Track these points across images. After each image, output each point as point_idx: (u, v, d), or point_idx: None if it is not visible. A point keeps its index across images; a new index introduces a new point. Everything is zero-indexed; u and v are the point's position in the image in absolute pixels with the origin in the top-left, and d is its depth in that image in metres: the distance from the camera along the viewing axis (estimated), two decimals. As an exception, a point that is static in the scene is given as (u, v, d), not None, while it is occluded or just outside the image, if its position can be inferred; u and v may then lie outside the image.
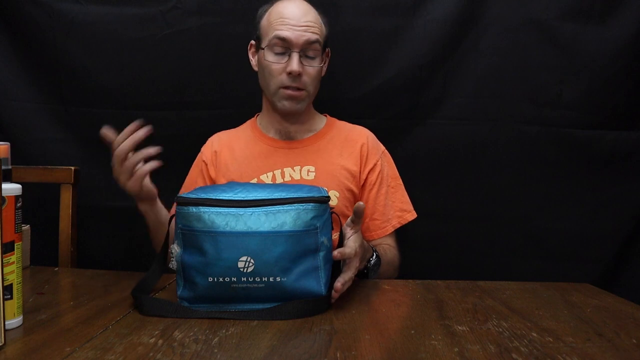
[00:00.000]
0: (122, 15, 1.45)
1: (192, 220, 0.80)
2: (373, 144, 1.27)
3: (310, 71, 1.16)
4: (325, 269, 0.83)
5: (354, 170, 1.22)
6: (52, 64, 1.47)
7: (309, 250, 0.81)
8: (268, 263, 0.78)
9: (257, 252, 0.77)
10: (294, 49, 1.14)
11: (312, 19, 1.16)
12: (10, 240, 0.68)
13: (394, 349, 0.66)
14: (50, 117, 1.50)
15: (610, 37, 1.39)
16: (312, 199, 0.81)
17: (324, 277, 0.82)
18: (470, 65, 1.44)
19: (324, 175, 1.20)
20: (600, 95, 1.42)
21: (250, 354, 0.63)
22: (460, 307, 0.84)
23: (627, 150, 1.44)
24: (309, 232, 0.80)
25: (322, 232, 0.82)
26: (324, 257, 0.82)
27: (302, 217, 0.80)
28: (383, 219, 1.23)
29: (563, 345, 0.68)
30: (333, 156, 1.22)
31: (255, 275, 0.78)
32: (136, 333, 0.70)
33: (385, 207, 1.23)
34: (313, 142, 1.25)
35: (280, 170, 1.21)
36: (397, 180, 1.28)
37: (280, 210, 0.80)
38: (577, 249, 1.46)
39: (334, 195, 1.18)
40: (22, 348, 0.65)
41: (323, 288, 0.82)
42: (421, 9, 1.42)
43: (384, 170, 1.25)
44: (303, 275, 0.80)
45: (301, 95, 1.18)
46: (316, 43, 1.15)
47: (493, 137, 1.45)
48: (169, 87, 1.47)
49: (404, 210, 1.26)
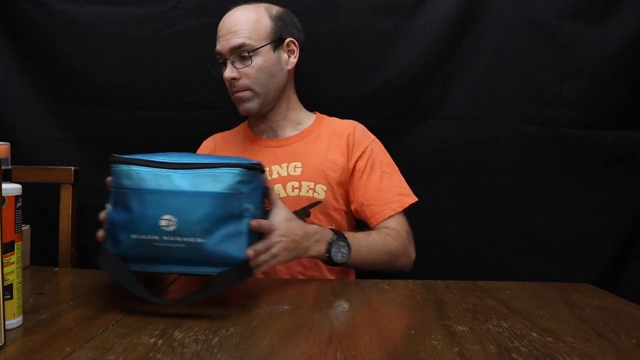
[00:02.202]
0: (122, 15, 1.45)
1: (122, 178, 0.82)
2: (361, 133, 1.27)
3: (247, 71, 1.19)
4: (249, 236, 0.83)
5: (341, 162, 1.22)
6: (52, 64, 1.47)
7: (232, 214, 0.81)
8: (190, 223, 0.79)
9: (180, 212, 0.78)
10: (226, 57, 1.20)
11: (240, 23, 1.19)
12: (10, 240, 0.68)
13: (394, 349, 0.66)
14: (50, 117, 1.50)
15: (610, 37, 1.39)
16: (239, 165, 0.82)
17: (248, 243, 0.83)
18: (470, 65, 1.44)
19: (310, 170, 1.21)
20: (600, 95, 1.42)
21: (250, 354, 0.63)
22: (460, 307, 0.84)
23: (627, 150, 1.44)
24: (233, 196, 0.81)
25: (248, 199, 0.83)
26: (249, 223, 0.83)
27: (226, 180, 0.81)
28: (379, 203, 1.20)
29: (563, 345, 0.68)
30: (320, 151, 1.23)
31: (176, 235, 0.78)
32: (136, 333, 0.70)
33: (380, 192, 1.21)
34: (300, 139, 1.26)
35: (268, 168, 1.22)
36: (392, 167, 1.26)
37: (208, 173, 0.81)
38: (577, 249, 1.46)
39: (321, 189, 1.20)
40: (22, 348, 0.65)
41: (244, 254, 0.82)
42: (421, 9, 1.42)
43: (374, 156, 1.24)
44: (225, 239, 0.80)
45: (245, 95, 1.21)
46: (242, 47, 1.18)
47: (493, 137, 1.45)
48: (169, 87, 1.47)
49: (402, 195, 1.23)
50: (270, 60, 1.21)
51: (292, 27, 1.26)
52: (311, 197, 1.20)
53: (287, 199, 1.19)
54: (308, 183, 1.20)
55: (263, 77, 1.20)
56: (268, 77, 1.21)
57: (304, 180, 1.21)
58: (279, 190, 1.20)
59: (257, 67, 1.19)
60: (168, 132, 1.48)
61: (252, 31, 1.19)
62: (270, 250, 0.90)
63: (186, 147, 1.34)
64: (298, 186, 1.20)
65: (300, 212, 1.19)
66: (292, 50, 1.25)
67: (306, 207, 1.20)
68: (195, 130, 1.40)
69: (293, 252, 0.96)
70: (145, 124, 1.48)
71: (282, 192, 1.20)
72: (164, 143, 1.46)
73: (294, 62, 1.26)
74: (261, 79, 1.20)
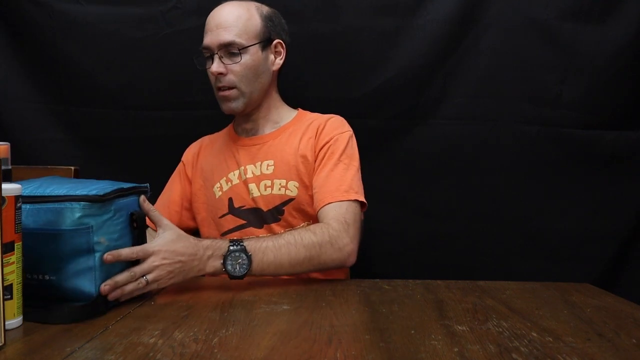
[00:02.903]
0: (122, 15, 1.45)
1: None
2: (332, 124, 1.23)
3: (235, 68, 1.19)
4: (102, 270, 0.80)
5: (310, 156, 1.20)
6: (52, 64, 1.47)
7: (80, 250, 0.79)
8: (37, 261, 0.78)
9: (27, 250, 0.75)
10: (214, 51, 1.19)
11: (231, 19, 1.18)
12: (10, 240, 0.68)
13: (394, 349, 0.66)
14: (50, 117, 1.50)
15: (610, 37, 1.39)
16: (82, 198, 0.79)
17: (100, 279, 0.80)
18: (470, 65, 1.44)
19: (282, 168, 1.21)
20: (600, 95, 1.42)
21: (250, 354, 0.63)
22: (460, 307, 0.84)
23: (627, 150, 1.44)
24: (79, 232, 0.78)
25: (99, 232, 0.80)
26: (101, 257, 0.80)
27: (69, 215, 0.78)
28: (323, 191, 1.13)
29: (563, 345, 0.68)
30: (292, 147, 1.22)
31: (26, 273, 0.76)
32: (136, 333, 0.70)
33: (328, 179, 1.14)
34: (275, 137, 1.26)
35: (243, 167, 1.23)
36: (351, 161, 1.18)
37: (51, 207, 0.78)
38: (577, 249, 1.46)
39: (293, 186, 1.19)
40: (22, 348, 0.65)
41: (95, 289, 0.80)
42: (421, 9, 1.42)
43: (337, 145, 1.19)
44: (74, 275, 0.78)
45: (231, 94, 1.20)
46: (232, 44, 1.17)
47: (493, 137, 1.45)
48: (169, 87, 1.47)
49: (350, 189, 1.13)
50: (257, 60, 1.21)
51: (280, 28, 1.26)
52: (283, 195, 1.19)
53: (260, 198, 1.20)
54: (280, 181, 1.20)
55: (250, 76, 1.20)
56: (254, 76, 1.21)
57: (275, 178, 1.20)
58: (252, 189, 1.20)
59: (244, 65, 1.19)
60: (168, 132, 1.48)
61: (243, 29, 1.19)
62: (147, 277, 0.86)
63: (186, 147, 1.35)
64: (270, 184, 1.20)
65: (273, 210, 1.19)
66: (279, 51, 1.25)
67: (278, 205, 1.19)
68: (195, 130, 1.41)
69: (181, 273, 0.90)
70: (145, 124, 1.48)
71: (256, 191, 1.21)
72: (164, 143, 1.47)
73: (280, 64, 1.26)
74: (248, 77, 1.20)
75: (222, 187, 1.25)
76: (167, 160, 1.36)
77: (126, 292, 0.84)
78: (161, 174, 1.35)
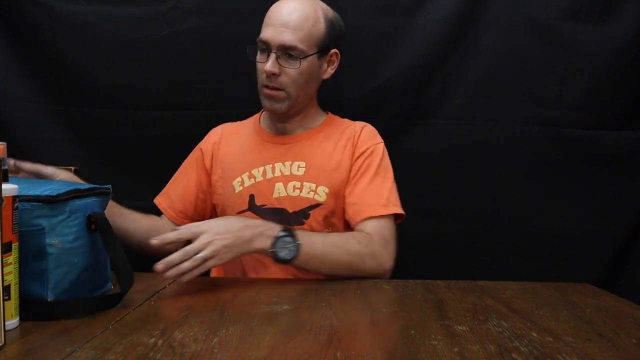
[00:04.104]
0: (122, 15, 1.45)
1: None
2: (367, 134, 1.23)
3: (290, 72, 1.15)
4: (55, 273, 0.77)
5: (346, 165, 1.20)
6: (52, 64, 1.47)
7: (32, 252, 0.75)
8: None
9: None
10: (272, 49, 1.14)
11: (297, 20, 1.13)
12: (8, 240, 0.68)
13: (394, 349, 0.66)
14: (50, 117, 1.50)
15: (610, 37, 1.40)
16: (34, 198, 0.76)
17: (53, 282, 0.77)
18: (470, 65, 1.44)
19: (313, 171, 1.19)
20: (600, 95, 1.42)
21: (250, 354, 0.63)
22: (460, 307, 0.84)
23: (627, 150, 1.44)
24: (31, 233, 0.75)
25: (51, 233, 0.76)
26: (54, 259, 0.77)
27: (22, 216, 0.73)
28: (362, 203, 1.15)
29: (563, 345, 0.68)
30: (327, 151, 1.21)
31: None
32: (136, 333, 0.70)
33: (366, 193, 1.16)
34: (307, 138, 1.24)
35: (271, 165, 1.21)
36: (387, 173, 1.20)
37: None
38: (577, 249, 1.46)
39: (322, 191, 1.18)
40: (22, 348, 0.65)
41: (47, 293, 0.76)
42: (421, 9, 1.42)
43: (373, 157, 1.20)
44: (26, 278, 0.74)
45: (279, 95, 1.17)
46: (294, 48, 1.13)
47: (493, 137, 1.45)
48: (168, 87, 1.47)
49: (389, 203, 1.15)
50: (312, 68, 1.18)
51: (339, 36, 1.23)
52: (312, 199, 1.18)
53: (287, 199, 1.18)
54: (310, 184, 1.18)
55: (301, 82, 1.17)
56: (305, 82, 1.18)
57: (305, 181, 1.18)
58: (279, 189, 1.19)
59: (299, 71, 1.15)
60: (168, 132, 1.48)
61: (307, 34, 1.14)
62: (201, 253, 0.88)
63: (186, 147, 1.34)
64: (299, 186, 1.18)
65: (299, 213, 1.18)
66: (332, 61, 1.23)
67: (305, 208, 1.18)
68: (195, 130, 1.40)
69: (235, 247, 0.93)
70: (145, 124, 1.48)
71: (283, 191, 1.18)
72: (164, 143, 1.47)
73: (331, 73, 1.23)
74: (299, 83, 1.17)
75: (243, 182, 1.21)
76: (167, 160, 1.36)
77: (183, 269, 0.85)
78: (161, 174, 1.35)
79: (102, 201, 0.87)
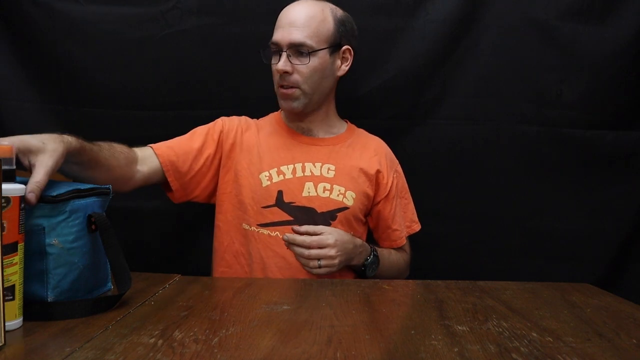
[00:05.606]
0: (122, 15, 1.45)
1: None
2: (392, 157, 1.32)
3: (302, 69, 1.18)
4: (55, 273, 0.77)
5: (371, 175, 1.24)
6: (52, 64, 1.46)
7: (33, 252, 0.75)
8: None
9: None
10: (283, 49, 1.17)
11: (304, 19, 1.17)
12: (13, 240, 0.68)
13: (394, 349, 0.66)
14: (50, 117, 1.49)
15: (610, 37, 1.39)
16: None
17: (53, 282, 0.77)
18: (470, 65, 1.44)
19: (343, 176, 1.22)
20: (600, 95, 1.42)
21: (250, 354, 0.63)
22: (460, 307, 0.84)
23: (627, 150, 1.44)
24: (32, 233, 0.74)
25: (51, 233, 0.76)
26: (54, 260, 0.77)
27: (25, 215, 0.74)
28: (402, 229, 1.30)
29: (563, 345, 0.68)
30: (353, 159, 1.25)
31: None
32: (136, 333, 0.70)
33: (404, 218, 1.31)
34: (335, 143, 1.27)
35: (301, 164, 1.22)
36: (408, 193, 1.34)
37: None
38: (577, 249, 1.46)
39: (350, 196, 1.21)
40: (22, 348, 0.65)
41: (48, 293, 0.76)
42: (421, 9, 1.42)
43: (401, 179, 1.32)
44: (27, 279, 0.74)
45: (293, 93, 1.19)
46: (302, 45, 1.16)
47: (493, 137, 1.45)
48: (168, 87, 1.47)
49: (414, 221, 1.34)
50: (325, 64, 1.20)
51: (351, 34, 1.25)
52: (340, 202, 1.20)
53: (317, 199, 1.19)
54: (339, 187, 1.21)
55: (315, 79, 1.19)
56: (319, 79, 1.20)
57: (335, 184, 1.21)
58: (309, 188, 1.20)
59: (312, 68, 1.18)
60: (168, 132, 1.47)
61: (315, 31, 1.17)
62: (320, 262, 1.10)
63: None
64: (329, 188, 1.20)
65: (327, 214, 1.19)
66: (346, 57, 1.25)
67: (333, 210, 1.20)
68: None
69: (344, 262, 1.13)
70: (145, 124, 1.48)
71: (313, 191, 1.20)
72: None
73: (345, 70, 1.25)
74: (312, 80, 1.19)
75: (271, 177, 1.21)
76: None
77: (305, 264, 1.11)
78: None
79: (102, 201, 0.87)
